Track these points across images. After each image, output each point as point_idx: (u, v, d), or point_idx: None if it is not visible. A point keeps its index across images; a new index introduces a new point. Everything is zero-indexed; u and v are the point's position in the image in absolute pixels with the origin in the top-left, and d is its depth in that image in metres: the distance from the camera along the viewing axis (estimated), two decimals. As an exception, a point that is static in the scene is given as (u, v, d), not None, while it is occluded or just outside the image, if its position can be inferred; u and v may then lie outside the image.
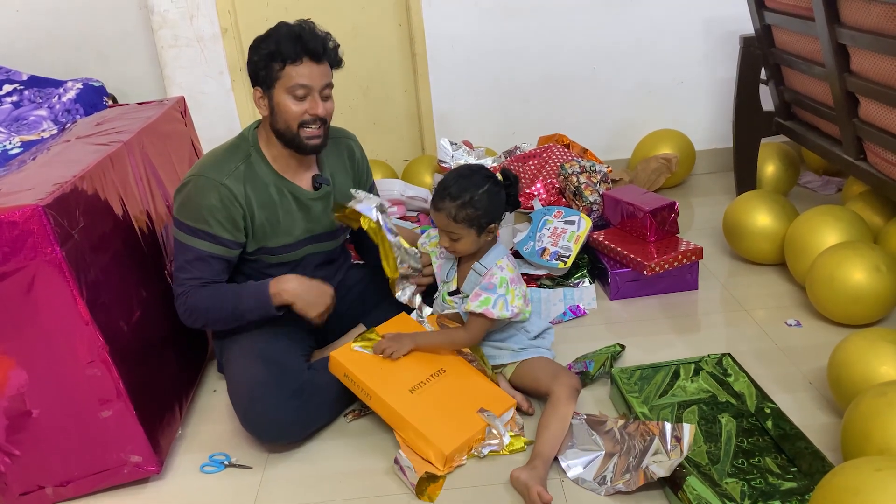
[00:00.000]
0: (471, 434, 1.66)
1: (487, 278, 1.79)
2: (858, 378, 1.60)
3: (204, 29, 3.15)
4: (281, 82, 1.74)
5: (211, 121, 3.22)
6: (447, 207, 1.76)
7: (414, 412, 1.67)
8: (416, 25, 3.19)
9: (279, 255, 1.89)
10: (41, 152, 2.01)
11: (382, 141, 3.48)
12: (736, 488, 1.48)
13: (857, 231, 2.16)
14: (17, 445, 1.61)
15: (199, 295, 1.79)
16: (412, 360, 1.80)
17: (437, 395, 1.73)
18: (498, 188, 1.79)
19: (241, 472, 1.75)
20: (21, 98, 3.12)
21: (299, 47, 1.71)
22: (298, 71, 1.72)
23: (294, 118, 1.76)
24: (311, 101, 1.75)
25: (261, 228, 1.84)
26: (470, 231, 1.77)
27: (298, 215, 1.88)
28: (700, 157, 3.34)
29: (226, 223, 1.78)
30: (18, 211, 1.44)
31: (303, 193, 1.88)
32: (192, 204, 1.77)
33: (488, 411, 1.70)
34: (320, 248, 1.96)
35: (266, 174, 1.83)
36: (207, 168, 1.80)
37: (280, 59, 1.71)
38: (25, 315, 1.52)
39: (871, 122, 2.09)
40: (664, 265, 2.26)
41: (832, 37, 2.07)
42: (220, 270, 1.82)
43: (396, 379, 1.74)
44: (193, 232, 1.77)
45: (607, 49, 3.25)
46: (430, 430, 1.63)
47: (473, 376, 1.80)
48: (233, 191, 1.77)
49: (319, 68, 1.74)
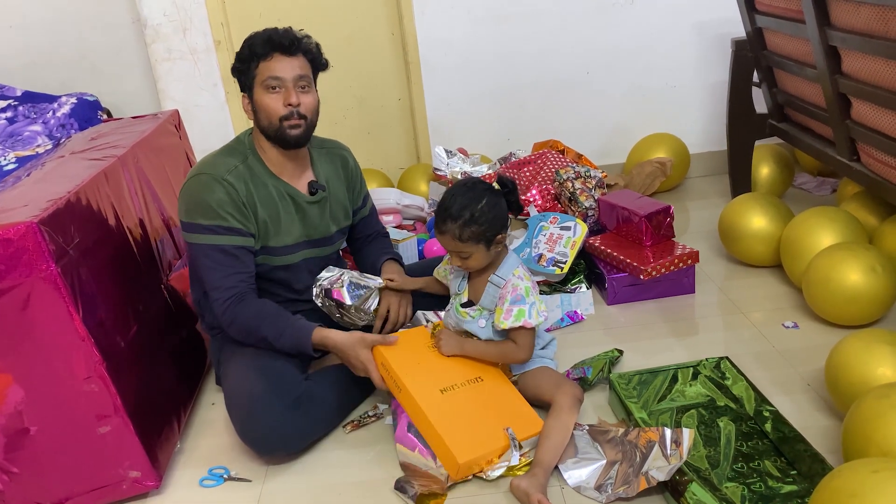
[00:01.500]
0: (490, 449, 1.61)
1: (512, 291, 1.76)
2: (856, 380, 1.60)
3: (197, 42, 3.15)
4: (257, 80, 1.81)
5: (206, 133, 3.22)
6: (450, 229, 1.73)
7: (438, 413, 1.63)
8: (410, 34, 3.20)
9: (280, 256, 1.90)
10: (35, 168, 2.01)
11: (377, 150, 3.48)
12: (736, 492, 1.48)
13: (852, 232, 2.16)
14: (16, 463, 1.61)
15: (245, 310, 1.79)
16: (453, 362, 1.78)
17: (467, 401, 1.69)
18: (497, 197, 1.76)
19: (241, 486, 1.75)
20: (16, 114, 3.13)
21: (268, 45, 1.79)
22: (269, 66, 1.79)
23: (274, 112, 1.80)
24: (286, 93, 1.80)
25: (264, 226, 1.85)
26: (478, 247, 1.74)
27: (296, 217, 1.91)
28: (695, 160, 3.35)
29: (237, 214, 1.79)
30: (13, 228, 1.44)
31: (300, 196, 1.91)
32: (200, 202, 1.78)
33: (512, 432, 1.63)
34: (316, 253, 1.97)
35: (264, 175, 1.86)
36: (206, 167, 1.82)
37: (254, 59, 1.80)
38: (22, 332, 1.51)
39: (863, 123, 2.10)
40: (660, 269, 2.27)
41: (823, 39, 2.08)
42: (249, 262, 1.83)
43: (431, 377, 1.71)
44: (211, 230, 1.77)
45: (600, 54, 3.26)
46: (450, 435, 1.59)
47: (509, 392, 1.76)
48: (235, 186, 1.80)
49: (290, 61, 1.80)
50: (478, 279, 1.84)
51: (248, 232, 1.82)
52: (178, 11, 3.10)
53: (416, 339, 1.83)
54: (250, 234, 1.82)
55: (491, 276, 1.80)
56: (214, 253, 1.78)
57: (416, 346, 1.80)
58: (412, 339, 1.82)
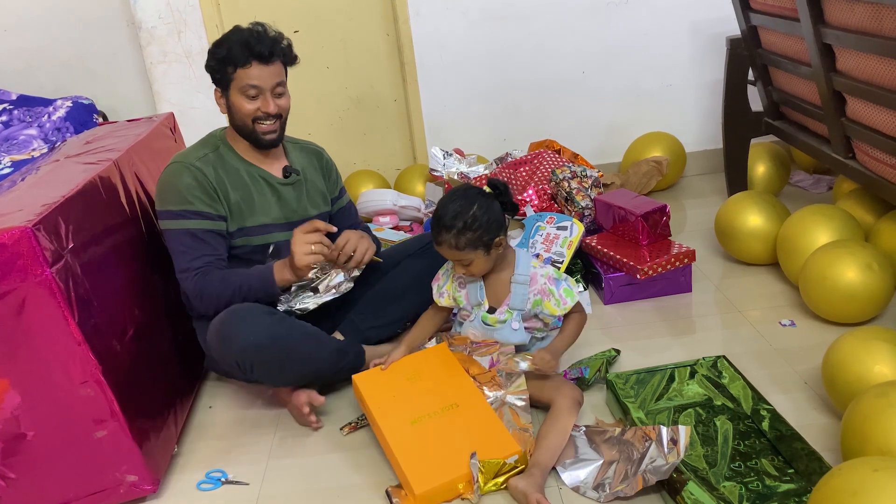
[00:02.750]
0: (452, 477, 1.58)
1: (547, 279, 1.79)
2: (853, 378, 1.60)
3: (192, 44, 3.15)
4: (234, 84, 1.87)
5: (201, 135, 3.19)
6: (447, 239, 1.72)
7: (403, 444, 1.63)
8: (404, 35, 3.20)
9: (258, 236, 1.95)
10: (30, 173, 2.01)
11: (374, 151, 3.48)
12: (734, 491, 1.48)
13: (848, 230, 2.16)
14: (13, 468, 1.60)
15: (210, 280, 1.84)
16: (429, 390, 1.76)
17: (437, 430, 1.67)
18: (489, 201, 1.74)
19: (238, 489, 1.74)
20: (11, 118, 3.13)
21: (247, 52, 1.82)
22: (248, 73, 1.84)
23: (248, 115, 1.89)
24: (263, 100, 1.88)
25: (237, 207, 1.92)
26: (477, 252, 1.73)
27: (272, 199, 1.97)
28: (691, 158, 3.35)
29: (205, 198, 1.87)
30: (7, 233, 1.44)
31: (273, 179, 1.98)
32: (170, 188, 1.87)
33: (476, 459, 1.58)
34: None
35: (235, 161, 1.95)
36: (178, 156, 1.93)
37: (231, 64, 1.84)
38: (17, 337, 1.51)
39: (858, 121, 2.10)
40: (657, 268, 2.27)
41: (817, 37, 2.08)
42: (218, 245, 1.90)
43: (402, 408, 1.71)
44: (179, 215, 1.86)
45: (596, 54, 3.26)
46: (410, 466, 1.59)
47: (485, 416, 1.71)
48: (203, 171, 1.88)
49: (269, 69, 1.86)
50: (496, 285, 1.83)
51: (218, 215, 1.88)
52: (173, 14, 3.10)
53: (396, 370, 1.82)
54: (220, 218, 1.89)
55: (513, 277, 1.80)
56: (184, 237, 1.86)
57: (394, 378, 1.79)
58: (391, 371, 1.81)
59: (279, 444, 1.87)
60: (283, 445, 1.87)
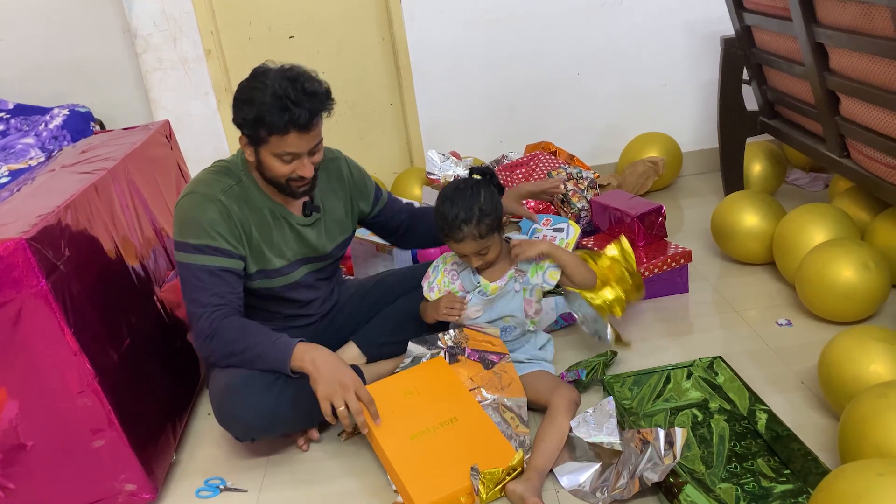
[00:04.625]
0: (453, 490, 1.57)
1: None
2: (849, 377, 1.60)
3: (188, 51, 3.15)
4: (267, 147, 1.68)
5: (198, 142, 3.23)
6: (469, 232, 1.74)
7: (403, 458, 1.62)
8: (399, 39, 3.20)
9: (276, 278, 1.85)
10: (26, 183, 2.01)
11: (370, 154, 3.48)
12: (730, 493, 1.48)
13: (844, 228, 2.17)
14: (11, 479, 1.61)
15: (228, 326, 1.71)
16: (428, 405, 1.74)
17: (437, 444, 1.66)
18: (487, 186, 1.80)
19: (237, 496, 1.75)
20: (7, 127, 3.13)
21: (286, 118, 1.61)
22: (286, 141, 1.65)
23: (282, 176, 1.73)
24: (299, 164, 1.70)
25: (258, 248, 1.80)
26: (494, 236, 1.79)
27: (291, 237, 1.86)
28: (687, 158, 3.35)
29: (228, 236, 1.74)
30: (2, 245, 1.44)
31: (294, 218, 1.85)
32: (192, 221, 1.72)
33: (477, 471, 1.58)
34: (315, 267, 1.94)
35: (258, 198, 1.80)
36: (200, 185, 1.77)
37: (265, 128, 1.64)
38: (14, 348, 1.51)
39: (852, 120, 2.10)
40: (653, 269, 2.27)
41: (810, 36, 2.08)
42: (235, 284, 1.76)
43: (401, 423, 1.69)
44: (199, 249, 1.71)
45: (591, 55, 3.26)
46: (411, 480, 1.58)
47: (485, 427, 1.70)
48: (228, 207, 1.74)
49: (308, 135, 1.67)
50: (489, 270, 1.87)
51: (238, 254, 1.76)
52: (168, 21, 3.10)
53: (394, 386, 1.79)
54: (239, 257, 1.76)
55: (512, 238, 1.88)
56: (200, 272, 1.72)
57: (392, 394, 1.75)
58: (389, 387, 1.78)
59: (277, 450, 1.87)
60: (281, 452, 1.87)
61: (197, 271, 1.72)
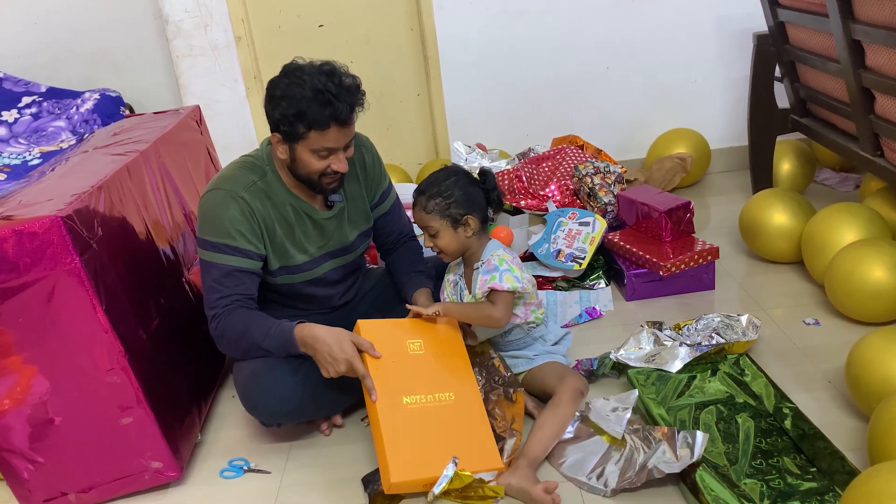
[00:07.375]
0: (429, 476, 1.54)
1: (485, 265, 1.79)
2: (878, 377, 1.58)
3: (218, 38, 3.18)
4: (305, 143, 1.69)
5: (226, 128, 3.25)
6: (419, 201, 1.81)
7: (392, 425, 1.58)
8: (428, 29, 3.20)
9: (301, 273, 1.86)
10: (60, 163, 2.04)
11: (396, 145, 3.49)
12: (755, 489, 1.47)
13: (875, 228, 2.14)
14: (41, 453, 1.64)
15: (232, 321, 1.72)
16: (428, 369, 1.70)
17: (428, 420, 1.62)
18: (469, 181, 1.81)
19: (261, 477, 1.77)
20: (40, 109, 3.17)
21: (328, 113, 1.63)
22: (324, 136, 1.67)
23: (316, 172, 1.74)
24: (335, 159, 1.72)
25: (280, 245, 1.81)
26: (442, 223, 1.77)
27: (313, 232, 1.86)
28: (715, 155, 3.32)
29: (249, 235, 1.74)
30: (38, 222, 1.46)
31: (317, 214, 1.85)
32: (213, 218, 1.73)
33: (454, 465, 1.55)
34: (339, 262, 1.94)
35: (282, 193, 1.80)
36: (224, 181, 1.77)
37: (305, 124, 1.65)
38: (46, 324, 1.54)
39: (887, 118, 2.07)
40: (680, 265, 2.25)
41: (846, 33, 2.05)
42: (251, 284, 1.76)
43: (399, 380, 1.65)
44: (217, 248, 1.72)
45: (620, 48, 3.24)
46: (394, 452, 1.54)
47: (478, 418, 1.66)
48: (251, 205, 1.75)
49: (347, 129, 1.69)
50: (470, 277, 1.86)
51: (257, 254, 1.76)
52: (199, 8, 3.13)
53: (402, 327, 1.77)
54: (258, 257, 1.76)
55: (475, 265, 1.83)
56: (215, 272, 1.72)
57: (397, 337, 1.73)
58: (396, 327, 1.77)
59: (301, 434, 1.89)
60: (304, 435, 1.89)
61: (212, 269, 1.74)
